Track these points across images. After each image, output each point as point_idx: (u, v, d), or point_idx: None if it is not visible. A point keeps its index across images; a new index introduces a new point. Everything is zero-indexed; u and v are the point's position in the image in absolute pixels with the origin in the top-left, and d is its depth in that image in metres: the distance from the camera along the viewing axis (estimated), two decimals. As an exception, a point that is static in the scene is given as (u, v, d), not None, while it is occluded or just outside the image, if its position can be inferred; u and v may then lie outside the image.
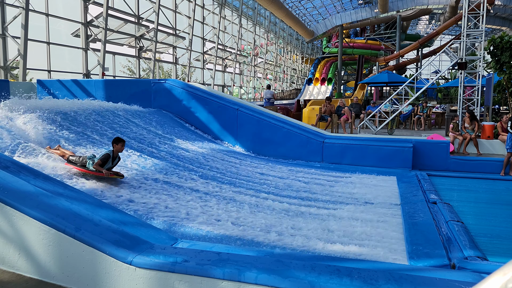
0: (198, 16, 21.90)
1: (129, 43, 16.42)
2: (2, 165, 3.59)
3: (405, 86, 13.09)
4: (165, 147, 8.25)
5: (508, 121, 8.33)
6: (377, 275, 2.49)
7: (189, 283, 2.59)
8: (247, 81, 30.58)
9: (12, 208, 3.05)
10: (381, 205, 6.06)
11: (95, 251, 2.82)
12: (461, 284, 2.44)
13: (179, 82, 11.16)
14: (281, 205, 5.76)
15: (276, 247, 4.23)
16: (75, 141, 6.75)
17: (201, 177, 6.76)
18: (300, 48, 45.31)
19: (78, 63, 13.94)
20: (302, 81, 45.64)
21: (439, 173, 8.52)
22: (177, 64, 20.25)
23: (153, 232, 3.41)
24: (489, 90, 11.55)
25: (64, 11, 14.23)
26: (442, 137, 10.10)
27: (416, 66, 38.98)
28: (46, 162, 5.45)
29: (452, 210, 5.46)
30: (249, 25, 29.73)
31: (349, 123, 12.80)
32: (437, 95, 35.00)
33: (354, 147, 9.33)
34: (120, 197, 5.12)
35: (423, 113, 15.09)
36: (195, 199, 5.59)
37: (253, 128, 10.12)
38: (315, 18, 39.70)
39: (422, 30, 54.93)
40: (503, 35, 11.94)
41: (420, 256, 3.98)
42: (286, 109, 16.01)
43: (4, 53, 11.29)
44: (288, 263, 2.65)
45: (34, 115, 6.74)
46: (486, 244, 4.44)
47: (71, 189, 3.84)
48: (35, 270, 3.03)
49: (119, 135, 7.91)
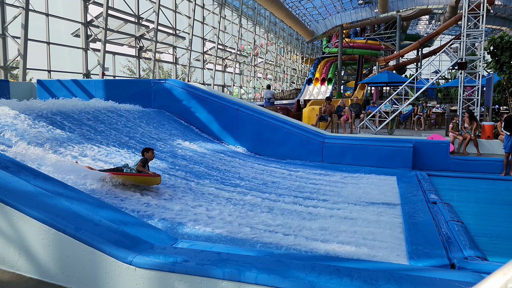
0: (198, 16, 21.91)
1: (129, 43, 16.42)
2: (2, 165, 3.59)
3: (405, 86, 13.09)
4: (164, 147, 8.25)
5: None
6: (377, 275, 2.49)
7: (189, 283, 2.59)
8: (247, 81, 30.57)
9: (12, 208, 3.05)
10: (381, 205, 6.06)
11: (95, 251, 2.82)
12: (461, 284, 2.44)
13: (179, 82, 11.16)
14: (281, 204, 5.76)
15: (276, 247, 4.23)
16: (75, 141, 6.75)
17: (201, 177, 6.76)
18: (300, 48, 45.30)
19: (78, 63, 13.95)
20: (302, 81, 45.64)
21: (439, 173, 8.52)
22: (177, 64, 20.25)
23: (153, 232, 3.41)
24: (489, 90, 11.55)
25: (64, 11, 14.22)
26: (442, 137, 10.10)
27: (416, 66, 38.97)
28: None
29: (452, 210, 5.46)
30: (249, 25, 29.73)
31: (349, 123, 12.81)
32: (437, 95, 34.98)
33: (354, 147, 9.33)
34: (118, 197, 5.12)
35: (423, 113, 15.08)
36: (195, 199, 5.59)
37: (253, 128, 10.12)
38: (315, 18, 39.70)
39: (422, 30, 54.93)
40: (503, 35, 11.93)
41: (420, 256, 3.98)
42: (286, 109, 16.01)
43: (4, 53, 11.29)
44: (288, 263, 2.65)
45: (35, 115, 6.74)
46: (486, 244, 4.44)
47: (71, 189, 3.84)
48: (35, 270, 3.03)
49: (119, 135, 7.91)
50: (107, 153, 6.66)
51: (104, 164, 6.10)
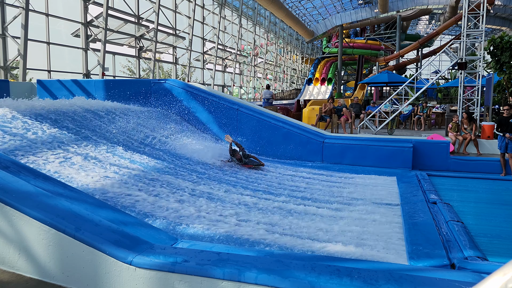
0: (198, 16, 21.91)
1: (129, 43, 16.42)
2: (2, 165, 3.59)
3: (405, 86, 13.09)
4: (164, 147, 8.25)
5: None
6: (377, 275, 2.49)
7: (189, 283, 2.59)
8: (247, 81, 30.57)
9: (12, 208, 3.05)
10: (381, 205, 6.06)
11: (95, 251, 2.82)
12: (461, 284, 2.44)
13: (179, 82, 11.16)
14: (280, 204, 5.77)
15: (276, 247, 4.23)
16: (75, 141, 6.74)
17: (200, 177, 6.76)
18: (300, 48, 45.30)
19: (78, 63, 13.95)
20: (302, 81, 45.64)
21: (439, 173, 8.52)
22: (177, 64, 20.25)
23: (153, 232, 3.40)
24: (489, 90, 11.55)
25: (64, 11, 14.24)
26: (442, 137, 10.10)
27: (416, 66, 38.95)
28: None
29: (452, 210, 5.46)
30: (249, 25, 29.73)
31: (349, 123, 12.81)
32: (437, 95, 34.99)
33: (354, 147, 9.33)
34: (119, 197, 5.11)
35: (423, 113, 15.08)
36: (195, 198, 5.59)
37: (253, 128, 10.12)
38: (315, 18, 39.70)
39: (422, 30, 54.93)
40: (503, 35, 11.95)
41: (420, 256, 3.98)
42: (286, 109, 16.02)
43: (4, 53, 11.29)
44: (288, 263, 2.65)
45: (35, 116, 6.74)
46: (486, 244, 4.44)
47: (71, 189, 3.84)
48: (35, 270, 3.03)
49: (119, 134, 7.91)
50: (107, 153, 6.66)
51: (104, 165, 6.09)
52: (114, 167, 5.99)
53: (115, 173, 5.80)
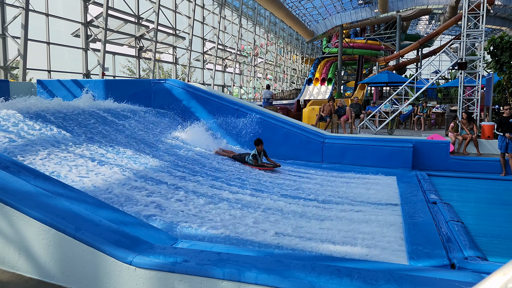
0: (198, 16, 21.91)
1: (129, 43, 16.42)
2: (2, 165, 3.59)
3: (405, 86, 13.09)
4: (164, 147, 8.25)
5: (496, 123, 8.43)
6: (377, 275, 2.49)
7: (189, 283, 2.59)
8: (247, 81, 30.57)
9: (12, 208, 3.05)
10: (381, 205, 6.06)
11: (95, 251, 2.82)
12: (461, 284, 2.44)
13: (179, 82, 11.16)
14: (280, 204, 5.76)
15: (276, 247, 4.23)
16: (75, 141, 6.75)
17: (200, 177, 6.76)
18: (300, 48, 45.30)
19: (78, 63, 13.95)
20: (302, 81, 45.64)
21: (439, 173, 8.52)
22: (177, 64, 20.25)
23: (153, 232, 3.40)
24: (489, 90, 11.55)
25: (64, 11, 14.26)
26: (442, 137, 10.10)
27: (416, 66, 38.97)
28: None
29: (452, 210, 5.46)
30: (249, 25, 29.72)
31: (349, 123, 12.81)
32: (437, 95, 35.00)
33: (354, 147, 9.33)
34: (119, 197, 5.11)
35: (423, 113, 15.09)
36: (195, 199, 5.59)
37: (253, 128, 10.13)
38: (315, 18, 39.69)
39: (422, 30, 54.93)
40: (503, 35, 11.94)
41: (420, 256, 3.98)
42: (286, 109, 16.02)
43: (4, 53, 11.29)
44: (288, 263, 2.65)
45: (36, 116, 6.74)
46: (486, 244, 4.44)
47: (71, 189, 3.83)
48: (35, 270, 3.03)
49: (119, 134, 7.91)
50: (107, 153, 6.66)
51: (104, 165, 6.09)
52: (114, 167, 5.99)
53: (115, 173, 5.79)
